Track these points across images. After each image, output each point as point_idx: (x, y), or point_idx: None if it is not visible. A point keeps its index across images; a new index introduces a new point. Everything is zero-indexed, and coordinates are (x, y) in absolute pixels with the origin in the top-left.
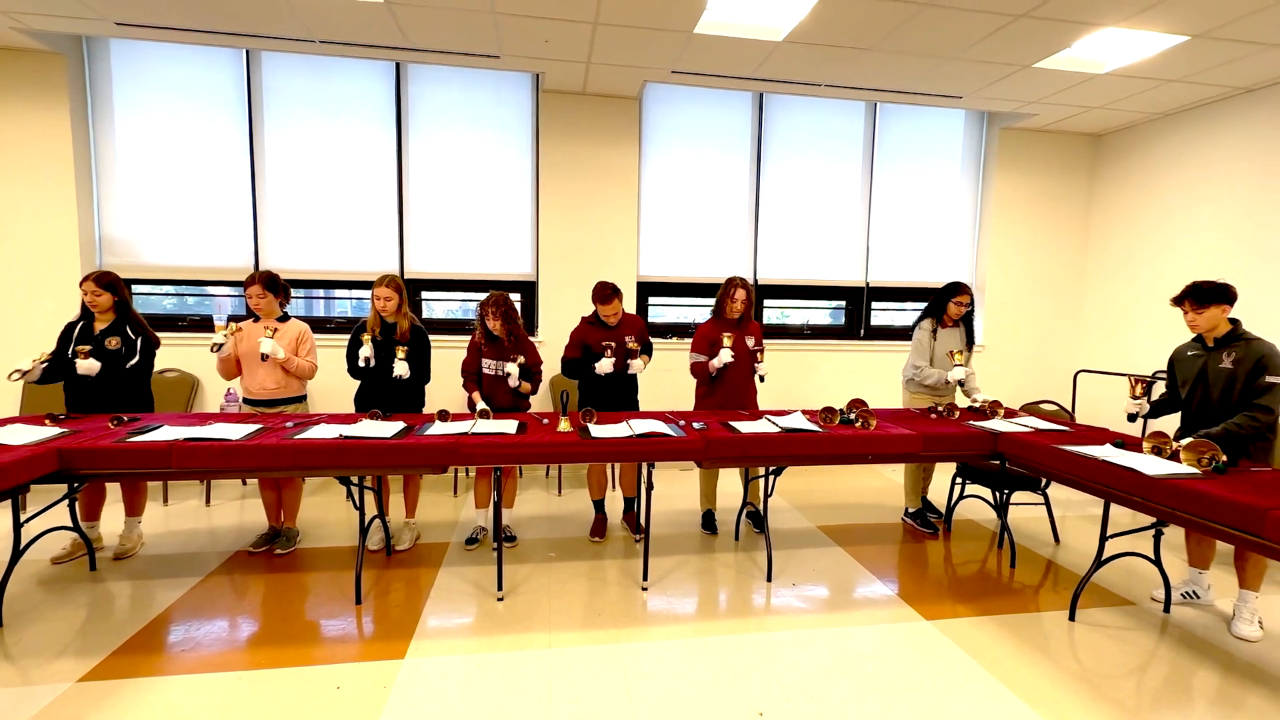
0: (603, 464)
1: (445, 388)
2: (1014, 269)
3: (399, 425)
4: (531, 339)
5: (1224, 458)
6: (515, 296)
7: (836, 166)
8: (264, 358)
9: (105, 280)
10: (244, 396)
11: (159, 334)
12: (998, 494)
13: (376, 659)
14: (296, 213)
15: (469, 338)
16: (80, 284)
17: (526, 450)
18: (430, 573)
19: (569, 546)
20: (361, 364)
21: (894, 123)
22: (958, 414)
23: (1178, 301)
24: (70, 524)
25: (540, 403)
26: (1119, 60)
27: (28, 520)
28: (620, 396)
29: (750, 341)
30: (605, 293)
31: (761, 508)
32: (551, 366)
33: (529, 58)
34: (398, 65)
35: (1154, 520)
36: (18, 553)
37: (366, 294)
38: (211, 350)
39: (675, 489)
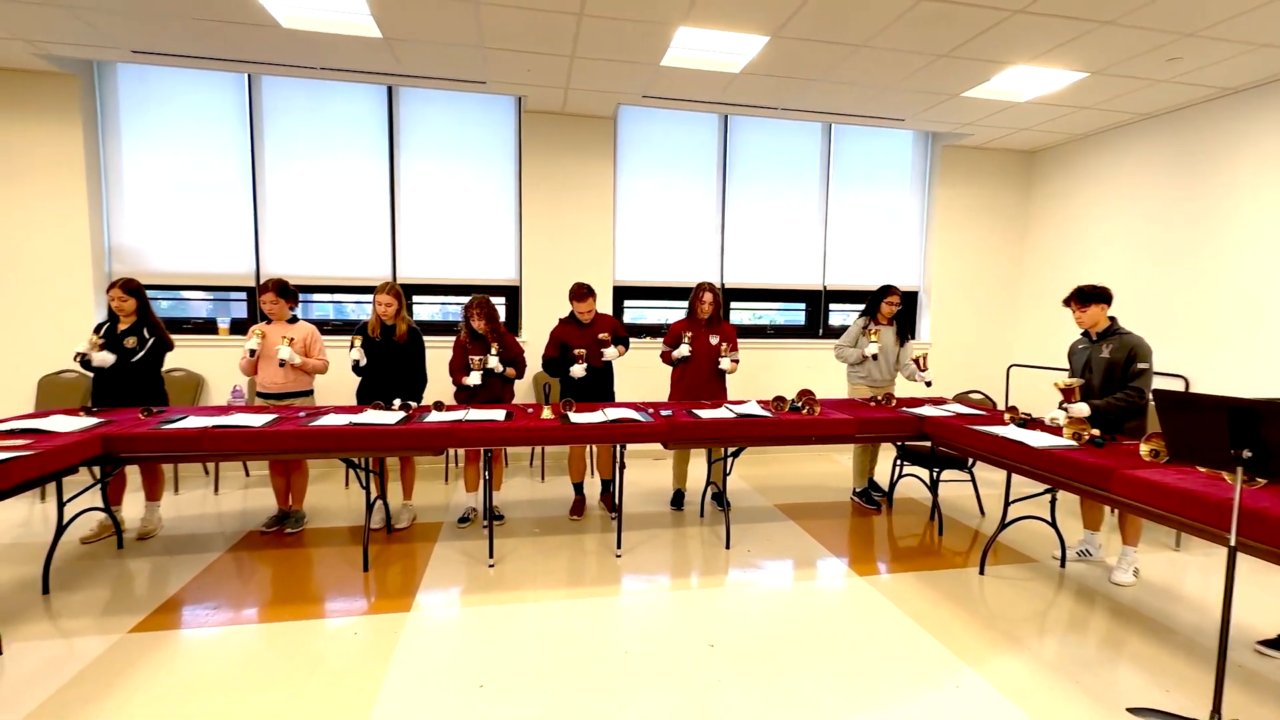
0: (581, 450)
1: (436, 382)
2: (957, 273)
3: (400, 414)
4: (514, 337)
5: (1096, 432)
6: (499, 300)
7: (796, 180)
8: (282, 364)
9: (130, 287)
10: (258, 390)
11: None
12: (930, 473)
13: (386, 612)
14: (295, 223)
15: (453, 338)
16: (108, 290)
17: (514, 434)
18: (427, 546)
19: (551, 524)
20: (353, 366)
21: (847, 141)
22: (894, 402)
23: (1066, 302)
24: (102, 506)
25: (525, 399)
26: (1034, 91)
27: (69, 500)
28: (598, 391)
29: (715, 340)
30: (581, 291)
31: (722, 486)
32: (534, 364)
33: (512, 83)
34: (389, 86)
35: (1046, 487)
36: (61, 530)
37: (358, 298)
38: (248, 355)
39: (649, 475)
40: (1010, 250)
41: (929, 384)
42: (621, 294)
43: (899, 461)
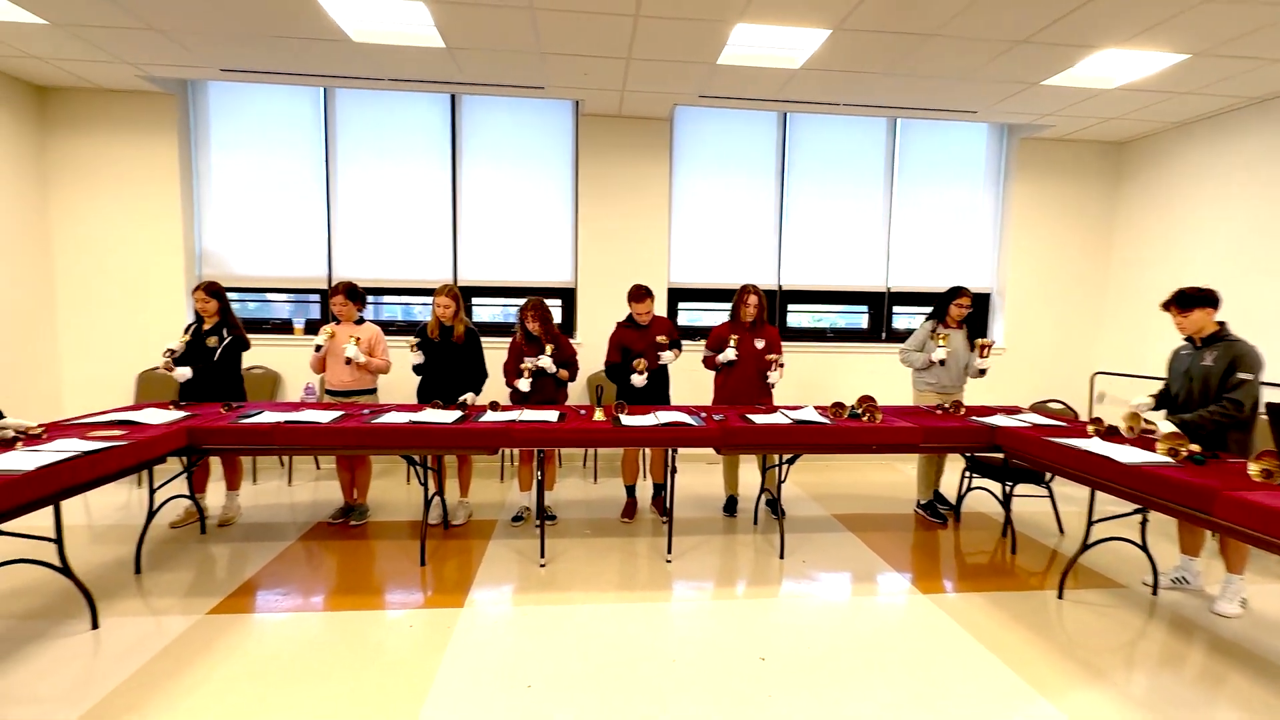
0: (635, 452)
1: (497, 378)
2: (1034, 274)
3: (457, 413)
4: (569, 339)
5: (1195, 448)
6: (555, 302)
7: (859, 178)
8: (348, 361)
9: (212, 289)
10: (326, 388)
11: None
12: (1003, 486)
13: (440, 607)
14: (364, 228)
15: (509, 339)
16: (193, 292)
17: (567, 435)
18: (481, 543)
19: (602, 526)
20: (414, 367)
21: (914, 136)
22: (963, 411)
23: (1165, 306)
24: (188, 494)
25: (579, 401)
26: (1126, 76)
27: (159, 487)
28: (653, 394)
29: (760, 344)
30: (640, 293)
31: (777, 494)
32: (588, 365)
33: (570, 88)
34: (452, 95)
35: (1136, 507)
36: (151, 514)
37: (423, 300)
38: (316, 351)
39: (701, 479)
40: (1094, 249)
41: (982, 372)
42: (676, 296)
43: (968, 473)
